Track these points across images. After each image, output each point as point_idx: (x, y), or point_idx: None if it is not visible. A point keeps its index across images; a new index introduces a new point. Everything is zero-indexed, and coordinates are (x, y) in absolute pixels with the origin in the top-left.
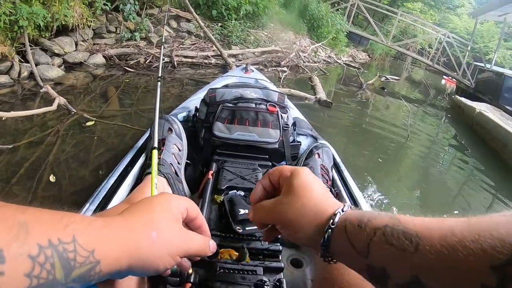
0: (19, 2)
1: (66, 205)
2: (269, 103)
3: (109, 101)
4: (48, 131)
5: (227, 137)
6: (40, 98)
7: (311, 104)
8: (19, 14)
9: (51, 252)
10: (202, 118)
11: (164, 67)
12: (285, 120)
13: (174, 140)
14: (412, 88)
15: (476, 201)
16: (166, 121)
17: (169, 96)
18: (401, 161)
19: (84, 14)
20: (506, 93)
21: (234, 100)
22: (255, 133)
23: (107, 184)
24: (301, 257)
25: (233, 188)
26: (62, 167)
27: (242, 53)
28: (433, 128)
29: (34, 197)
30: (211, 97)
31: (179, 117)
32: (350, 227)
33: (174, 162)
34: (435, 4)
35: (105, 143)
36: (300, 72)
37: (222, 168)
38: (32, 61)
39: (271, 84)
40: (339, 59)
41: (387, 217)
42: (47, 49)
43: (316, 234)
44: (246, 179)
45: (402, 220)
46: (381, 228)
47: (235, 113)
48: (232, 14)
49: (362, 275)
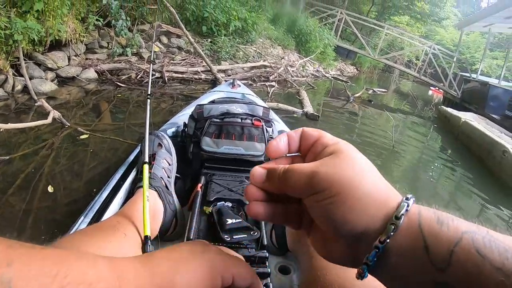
0: (14, 16)
1: (61, 215)
2: (255, 118)
3: (102, 115)
4: (43, 143)
5: (215, 151)
6: (33, 111)
7: (298, 117)
8: (14, 28)
9: None
10: (191, 133)
11: (155, 83)
12: (270, 134)
13: (164, 155)
14: (400, 100)
15: (465, 207)
16: (156, 137)
17: (160, 110)
18: (386, 171)
19: (77, 29)
20: (491, 102)
21: (221, 116)
22: (242, 146)
23: (100, 198)
24: (288, 264)
25: (221, 200)
26: (57, 178)
27: (232, 68)
28: (420, 138)
29: (30, 207)
30: (198, 112)
31: (168, 133)
32: (426, 221)
33: (164, 176)
34: (421, 17)
35: (99, 156)
36: (288, 87)
37: (210, 181)
38: (26, 75)
39: (257, 99)
40: (327, 73)
41: (475, 225)
42: (41, 63)
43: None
44: (233, 191)
45: (492, 233)
46: (470, 233)
47: (222, 128)
48: (221, 30)
49: None
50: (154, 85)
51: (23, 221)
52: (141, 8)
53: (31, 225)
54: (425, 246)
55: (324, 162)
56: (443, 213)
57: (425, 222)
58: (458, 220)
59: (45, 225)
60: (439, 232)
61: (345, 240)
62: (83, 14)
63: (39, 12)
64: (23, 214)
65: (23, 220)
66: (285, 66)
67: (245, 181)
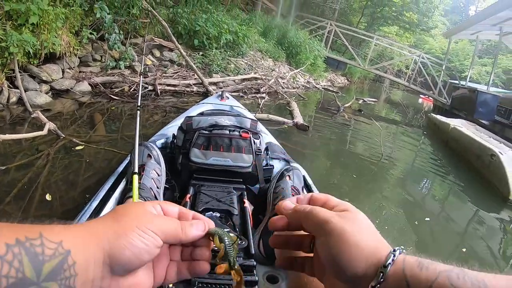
0: (9, 29)
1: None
2: (242, 130)
3: (96, 127)
4: (38, 154)
5: (203, 163)
6: (28, 123)
7: (289, 128)
8: (9, 41)
9: (19, 249)
10: (180, 144)
11: (148, 95)
12: (257, 145)
13: (153, 166)
14: (391, 109)
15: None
16: (145, 148)
17: (153, 122)
18: (376, 177)
19: (71, 43)
20: (480, 108)
21: (210, 127)
22: (230, 158)
23: (90, 208)
24: (276, 274)
25: (209, 210)
26: (52, 188)
27: (223, 81)
28: (411, 145)
29: (26, 216)
30: (187, 124)
31: (158, 144)
32: (409, 266)
33: (154, 186)
34: (410, 27)
35: (93, 167)
36: (279, 98)
37: (199, 191)
38: (21, 87)
39: (245, 111)
40: (318, 84)
41: (451, 265)
42: (35, 76)
43: (370, 269)
44: (221, 201)
45: (466, 270)
46: (446, 272)
47: (211, 139)
48: (213, 43)
49: None
50: (147, 98)
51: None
52: (133, 22)
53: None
54: (407, 286)
55: (338, 215)
56: (425, 260)
57: (408, 267)
58: (437, 264)
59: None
60: (420, 274)
61: (348, 284)
62: (77, 27)
63: (34, 25)
64: (19, 222)
65: None
66: (276, 78)
67: (233, 192)
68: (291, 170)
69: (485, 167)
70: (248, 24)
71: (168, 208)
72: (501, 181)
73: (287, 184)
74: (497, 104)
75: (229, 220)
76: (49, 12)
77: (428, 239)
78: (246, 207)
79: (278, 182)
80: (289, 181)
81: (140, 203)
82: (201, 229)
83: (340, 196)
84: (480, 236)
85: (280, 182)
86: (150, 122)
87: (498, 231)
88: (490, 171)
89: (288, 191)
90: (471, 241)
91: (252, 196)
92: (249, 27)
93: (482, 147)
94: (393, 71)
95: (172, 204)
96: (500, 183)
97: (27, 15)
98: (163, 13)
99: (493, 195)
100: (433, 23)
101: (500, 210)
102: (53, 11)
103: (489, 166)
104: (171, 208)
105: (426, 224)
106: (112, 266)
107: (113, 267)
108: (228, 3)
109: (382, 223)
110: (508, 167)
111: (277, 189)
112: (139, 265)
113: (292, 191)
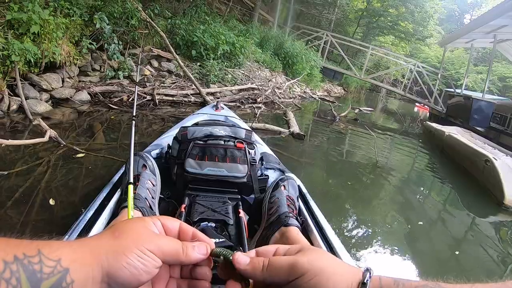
0: (11, 38)
1: (57, 228)
2: (237, 140)
3: (96, 135)
4: (39, 161)
5: (198, 173)
6: (28, 130)
7: (286, 137)
8: (11, 50)
9: (16, 267)
10: (175, 155)
11: (146, 105)
12: (252, 156)
13: (148, 176)
14: (387, 117)
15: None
16: (140, 158)
17: (152, 131)
18: (371, 184)
19: (71, 52)
20: (475, 115)
21: (204, 138)
22: (224, 168)
23: (84, 218)
24: None
25: (204, 220)
26: (53, 193)
27: (220, 91)
28: (407, 153)
29: (28, 220)
30: (182, 135)
31: (153, 154)
32: (386, 284)
33: (149, 196)
34: (405, 36)
35: (93, 173)
36: (276, 108)
37: (194, 201)
38: (22, 95)
39: (240, 121)
40: (314, 94)
41: (426, 281)
42: (36, 84)
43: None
44: (216, 211)
45: (441, 283)
46: (421, 287)
47: (205, 150)
48: (210, 54)
49: None
50: (145, 108)
51: (21, 233)
52: (132, 33)
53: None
54: None
55: (302, 254)
56: (400, 278)
57: (385, 284)
58: (412, 281)
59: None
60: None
61: None
62: (77, 37)
63: (35, 34)
64: (21, 226)
65: (20, 232)
66: (273, 88)
67: (228, 202)
68: (286, 180)
69: (479, 172)
70: (245, 35)
71: (168, 223)
72: (495, 186)
73: (282, 194)
74: (492, 111)
75: (224, 230)
76: (50, 22)
77: (421, 242)
78: (241, 217)
79: (273, 192)
80: (284, 191)
81: (140, 219)
82: (203, 252)
83: (336, 203)
84: (473, 239)
85: (275, 192)
86: (148, 131)
87: (492, 235)
88: (484, 176)
89: (284, 201)
90: (464, 244)
91: (247, 206)
92: (246, 38)
93: (476, 153)
94: (389, 80)
95: (172, 219)
96: (494, 188)
97: (29, 25)
98: (161, 24)
99: (487, 200)
100: (428, 32)
101: (494, 215)
102: (54, 21)
103: (483, 172)
104: (171, 223)
105: (420, 227)
106: (110, 285)
107: (111, 286)
108: (225, 14)
109: (376, 227)
110: (502, 172)
111: (272, 199)
112: (137, 285)
113: (287, 201)
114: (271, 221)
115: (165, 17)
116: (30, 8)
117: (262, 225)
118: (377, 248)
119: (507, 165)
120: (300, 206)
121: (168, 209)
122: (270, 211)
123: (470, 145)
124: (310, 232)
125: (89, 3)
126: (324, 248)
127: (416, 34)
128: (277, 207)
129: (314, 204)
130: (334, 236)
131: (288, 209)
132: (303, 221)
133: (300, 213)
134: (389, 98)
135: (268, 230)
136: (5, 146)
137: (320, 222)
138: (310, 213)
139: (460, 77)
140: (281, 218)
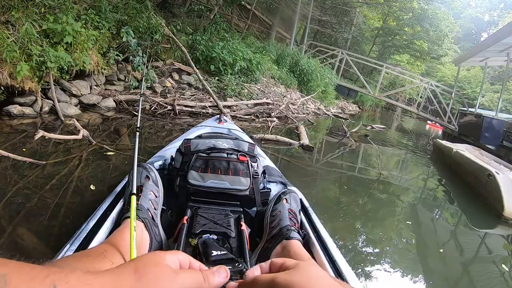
0: (46, 46)
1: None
2: (240, 153)
3: (121, 138)
4: (72, 155)
5: (201, 185)
6: (59, 130)
7: (295, 149)
8: (47, 57)
9: None
10: (177, 166)
11: (167, 114)
12: (255, 169)
13: (151, 187)
14: (400, 135)
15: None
16: (143, 169)
17: (172, 138)
18: (375, 198)
19: (99, 62)
20: (486, 133)
21: (208, 150)
22: (227, 181)
23: (87, 227)
24: None
25: (206, 232)
26: (84, 182)
27: (236, 104)
28: (416, 169)
29: (62, 201)
30: (186, 147)
31: (156, 165)
32: None
33: (151, 207)
34: (420, 55)
35: (119, 169)
36: (289, 123)
37: (196, 213)
38: (55, 98)
39: (243, 134)
40: (328, 110)
41: None
42: (66, 90)
43: None
44: (218, 224)
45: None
46: None
47: (208, 162)
48: (228, 69)
49: None
50: (166, 117)
51: (54, 211)
52: (156, 47)
53: (62, 216)
54: None
55: (284, 272)
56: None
57: None
58: None
59: (73, 216)
60: None
61: None
62: (105, 49)
63: (68, 44)
64: (55, 206)
65: (54, 210)
66: (287, 104)
67: (230, 214)
68: (288, 193)
69: (482, 186)
70: (262, 52)
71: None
72: (495, 199)
73: (284, 207)
74: (504, 129)
75: (226, 243)
76: (82, 33)
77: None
78: (243, 230)
79: (275, 205)
80: (286, 204)
81: (159, 255)
82: (223, 275)
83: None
84: (472, 250)
85: (277, 205)
86: (169, 139)
87: (492, 246)
88: (487, 190)
89: (286, 214)
90: (463, 254)
91: (249, 219)
92: (262, 55)
93: (480, 168)
94: (404, 99)
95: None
96: (495, 201)
97: (63, 35)
98: (183, 39)
99: (488, 212)
100: (443, 51)
101: (494, 226)
102: (85, 33)
103: (485, 185)
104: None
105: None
106: None
107: None
108: (244, 31)
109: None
110: (503, 185)
111: (274, 212)
112: None
113: (289, 214)
114: (273, 234)
115: (187, 33)
116: (64, 19)
117: (263, 238)
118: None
119: (509, 179)
120: (302, 220)
121: (170, 221)
122: (272, 224)
123: (475, 161)
124: (312, 246)
125: (116, 17)
126: (325, 261)
127: (431, 52)
128: (279, 220)
129: (316, 218)
130: (336, 250)
131: (290, 222)
132: (305, 235)
133: (302, 226)
134: (405, 116)
135: (270, 243)
136: (39, 141)
137: (322, 235)
138: (312, 226)
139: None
140: (283, 231)
